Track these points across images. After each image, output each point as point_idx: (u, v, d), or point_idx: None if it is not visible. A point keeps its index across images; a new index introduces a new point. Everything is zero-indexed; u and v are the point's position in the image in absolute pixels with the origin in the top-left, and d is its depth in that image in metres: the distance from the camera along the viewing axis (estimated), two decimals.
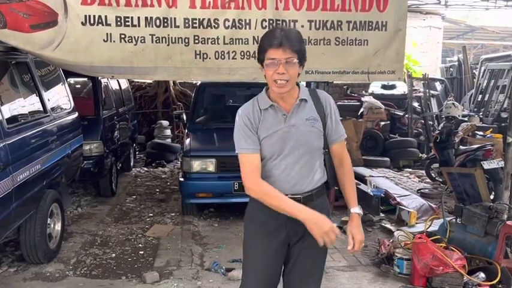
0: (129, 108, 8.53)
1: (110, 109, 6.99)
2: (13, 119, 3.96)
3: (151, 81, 10.96)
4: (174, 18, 4.20)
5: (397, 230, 4.91)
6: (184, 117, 6.87)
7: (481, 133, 8.00)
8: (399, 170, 8.95)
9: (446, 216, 4.76)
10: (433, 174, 8.00)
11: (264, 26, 4.30)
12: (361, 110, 10.06)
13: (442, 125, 7.97)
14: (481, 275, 3.87)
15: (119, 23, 4.12)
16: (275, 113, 2.24)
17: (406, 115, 10.34)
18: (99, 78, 6.39)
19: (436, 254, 3.82)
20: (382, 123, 9.98)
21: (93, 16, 4.07)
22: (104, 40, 4.12)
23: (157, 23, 4.18)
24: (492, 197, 5.54)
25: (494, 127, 8.85)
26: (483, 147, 6.59)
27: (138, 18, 4.15)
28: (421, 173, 8.58)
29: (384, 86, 11.68)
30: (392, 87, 11.65)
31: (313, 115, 2.25)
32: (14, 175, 3.64)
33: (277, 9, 4.33)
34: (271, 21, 4.33)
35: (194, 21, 4.23)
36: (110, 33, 4.12)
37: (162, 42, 4.22)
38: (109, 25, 4.11)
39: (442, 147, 7.37)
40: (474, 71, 13.29)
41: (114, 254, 4.67)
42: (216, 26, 4.27)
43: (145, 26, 4.17)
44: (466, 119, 9.37)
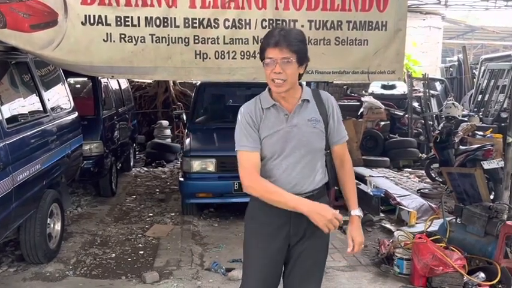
0: (129, 108, 8.53)
1: (110, 109, 6.99)
2: (13, 119, 3.96)
3: (151, 81, 10.95)
4: (174, 18, 4.20)
5: (397, 230, 4.91)
6: (184, 117, 6.86)
7: (481, 133, 8.00)
8: (399, 170, 8.95)
9: (446, 216, 4.76)
10: (433, 174, 8.00)
11: (264, 26, 4.30)
12: (361, 110, 10.07)
13: (442, 125, 7.97)
14: (481, 275, 3.87)
15: (118, 23, 4.12)
16: (277, 112, 2.24)
17: (406, 115, 10.34)
18: (99, 78, 6.39)
19: (436, 254, 3.82)
20: (382, 123, 9.99)
21: (93, 16, 4.07)
22: (104, 40, 4.12)
23: (157, 23, 4.18)
24: (492, 197, 5.54)
25: (494, 127, 8.85)
26: (483, 147, 6.59)
27: (138, 18, 4.14)
28: (421, 173, 8.58)
29: (384, 86, 11.67)
30: (392, 87, 11.65)
31: (315, 116, 2.25)
32: (13, 175, 3.64)
33: (277, 9, 4.32)
34: (271, 21, 4.32)
35: (194, 21, 4.23)
36: (110, 33, 4.12)
37: (162, 42, 4.22)
38: (109, 25, 4.11)
39: (442, 147, 7.37)
40: (474, 71, 13.28)
41: (114, 254, 4.67)
42: (216, 26, 4.26)
43: (145, 26, 4.16)
44: (466, 119, 9.37)
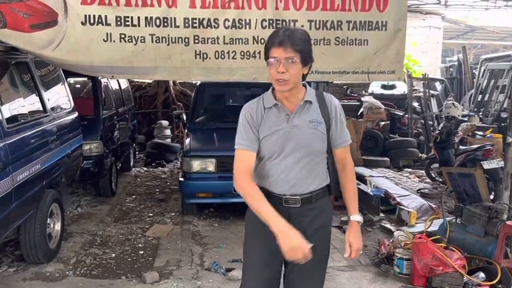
0: (129, 108, 8.52)
1: (110, 109, 6.99)
2: (13, 119, 3.95)
3: (151, 81, 10.95)
4: (174, 18, 4.20)
5: (397, 230, 4.90)
6: (184, 117, 6.86)
7: (480, 133, 8.00)
8: (399, 170, 8.95)
9: (446, 216, 4.76)
10: (433, 174, 8.00)
11: (264, 26, 4.30)
12: (361, 110, 10.07)
13: (442, 125, 7.96)
14: (481, 275, 3.87)
15: (118, 23, 4.12)
16: (278, 112, 2.24)
17: (406, 115, 10.34)
18: (99, 78, 6.39)
19: (436, 254, 3.82)
20: (382, 123, 9.99)
21: (93, 16, 4.07)
22: (104, 40, 4.12)
23: (157, 23, 4.18)
24: (492, 197, 5.54)
25: (494, 127, 8.85)
26: (483, 147, 6.59)
27: (138, 18, 4.15)
28: (421, 173, 8.58)
29: (384, 86, 11.67)
30: (392, 87, 11.65)
31: (317, 118, 2.24)
32: (13, 175, 3.64)
33: (277, 9, 4.32)
34: (271, 21, 4.32)
35: (194, 21, 4.23)
36: (110, 33, 4.12)
37: (162, 42, 4.22)
38: (109, 25, 4.11)
39: (442, 147, 7.37)
40: (474, 71, 13.28)
41: (114, 254, 4.67)
42: (216, 25, 4.26)
43: (145, 26, 4.17)
44: (466, 119, 9.37)
